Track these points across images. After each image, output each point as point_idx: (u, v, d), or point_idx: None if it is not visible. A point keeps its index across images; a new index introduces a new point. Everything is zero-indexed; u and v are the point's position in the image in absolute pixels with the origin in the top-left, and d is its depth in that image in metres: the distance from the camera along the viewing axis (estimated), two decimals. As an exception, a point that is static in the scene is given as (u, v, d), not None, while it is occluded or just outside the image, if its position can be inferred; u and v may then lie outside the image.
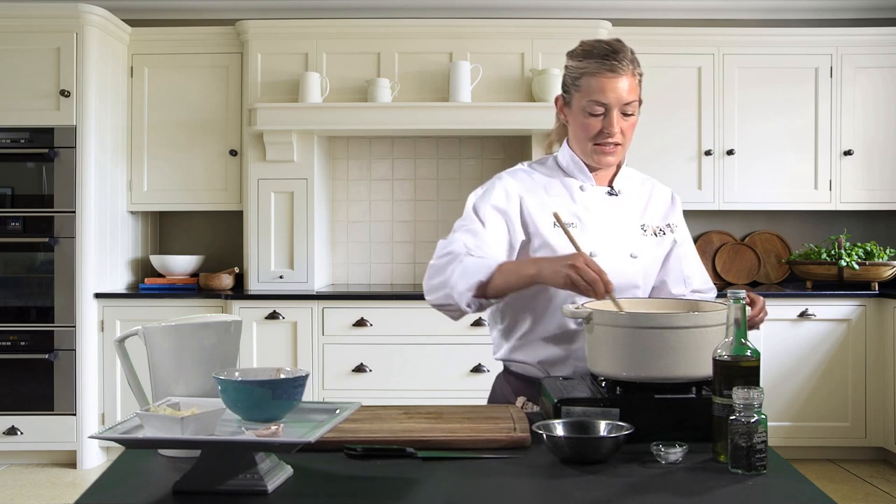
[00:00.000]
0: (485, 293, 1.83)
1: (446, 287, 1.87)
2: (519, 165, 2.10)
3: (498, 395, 2.09)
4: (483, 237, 1.94)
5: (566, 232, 1.81)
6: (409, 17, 4.83)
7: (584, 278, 1.70)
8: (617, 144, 1.95)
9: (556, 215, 1.85)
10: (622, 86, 1.91)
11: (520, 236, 1.97)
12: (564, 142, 2.07)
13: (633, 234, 2.01)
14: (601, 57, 1.91)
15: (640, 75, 1.96)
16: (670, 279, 2.06)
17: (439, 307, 1.92)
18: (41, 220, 4.41)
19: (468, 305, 1.85)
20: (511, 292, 1.86)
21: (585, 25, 4.56)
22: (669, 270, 2.06)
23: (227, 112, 4.76)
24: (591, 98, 1.92)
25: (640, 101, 2.00)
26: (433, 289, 1.91)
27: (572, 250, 1.81)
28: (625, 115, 1.93)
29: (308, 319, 4.40)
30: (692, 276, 2.08)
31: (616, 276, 1.93)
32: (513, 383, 2.05)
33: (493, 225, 1.96)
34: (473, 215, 1.98)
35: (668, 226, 2.08)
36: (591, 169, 2.02)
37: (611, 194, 2.03)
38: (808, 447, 4.51)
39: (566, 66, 1.99)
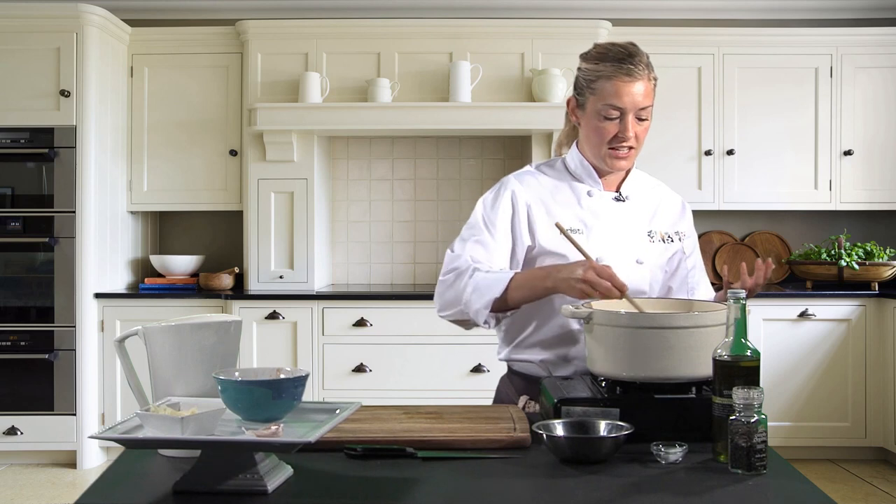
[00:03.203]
0: (500, 307, 1.87)
1: (459, 303, 1.91)
2: (527, 168, 2.10)
3: (503, 397, 2.09)
4: (492, 248, 1.95)
5: (572, 241, 1.81)
6: (409, 17, 4.83)
7: (598, 289, 1.72)
8: (630, 148, 1.95)
9: (558, 226, 1.84)
10: (638, 90, 1.90)
11: (526, 242, 1.98)
12: (574, 145, 2.07)
13: (639, 240, 2.01)
14: (617, 60, 1.90)
15: (655, 80, 1.95)
16: (675, 287, 2.06)
17: (453, 322, 1.97)
18: (41, 220, 4.41)
19: (485, 322, 1.89)
20: (529, 302, 1.89)
21: (585, 25, 4.56)
22: (675, 279, 2.06)
23: (227, 112, 4.76)
24: (606, 102, 1.91)
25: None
26: (446, 305, 1.94)
27: (580, 256, 1.82)
28: (639, 119, 1.93)
29: (308, 319, 4.40)
30: (696, 288, 2.09)
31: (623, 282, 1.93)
32: (517, 383, 2.05)
33: (501, 235, 1.97)
34: (482, 225, 1.99)
35: (677, 233, 2.07)
36: (600, 173, 2.02)
37: (618, 200, 2.02)
38: (808, 447, 4.51)
39: (580, 69, 1.98)
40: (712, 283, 2.21)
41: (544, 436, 1.47)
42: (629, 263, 1.97)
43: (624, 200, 2.03)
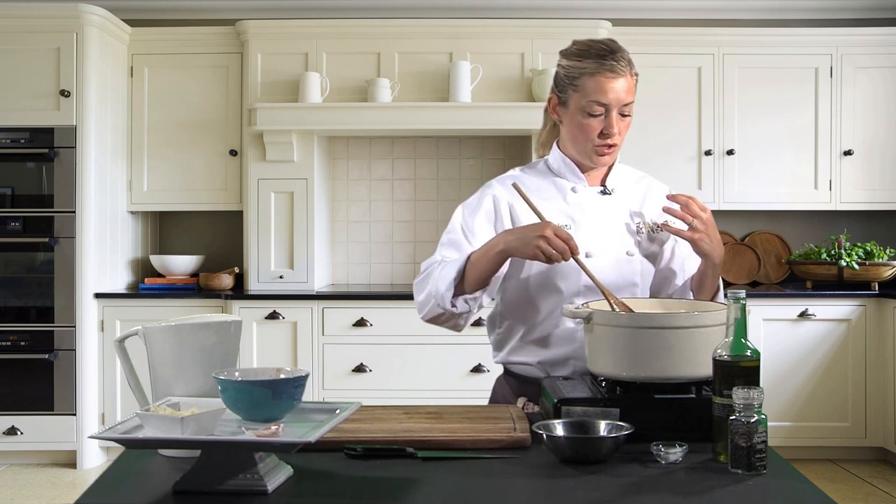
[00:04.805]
0: (463, 288, 1.86)
1: (431, 297, 1.89)
2: (510, 171, 2.10)
3: (498, 397, 2.09)
4: (465, 249, 1.95)
5: (529, 203, 1.82)
6: (409, 17, 4.83)
7: (554, 247, 1.73)
8: (614, 145, 1.95)
9: (515, 186, 1.86)
10: (621, 86, 1.90)
11: None
12: (555, 144, 2.07)
13: (629, 232, 2.01)
14: (599, 57, 1.90)
15: (636, 76, 1.95)
16: (676, 270, 2.05)
17: (433, 320, 1.95)
18: (41, 220, 4.41)
19: (453, 305, 1.87)
20: (488, 275, 1.87)
21: (585, 25, 4.56)
22: (674, 264, 2.05)
23: (227, 112, 4.76)
24: (590, 98, 1.91)
25: None
26: (422, 304, 1.94)
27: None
28: (622, 115, 1.93)
29: (308, 319, 4.40)
30: (693, 270, 2.08)
31: (614, 275, 1.93)
32: (513, 384, 2.05)
33: (479, 239, 1.96)
34: (458, 229, 2.00)
35: (666, 222, 2.07)
36: (583, 169, 2.02)
37: (604, 193, 2.02)
38: (808, 447, 4.51)
39: (560, 65, 1.98)
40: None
41: (544, 436, 1.47)
42: (619, 256, 1.97)
43: (610, 193, 2.03)
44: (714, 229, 1.89)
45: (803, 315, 4.49)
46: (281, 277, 4.62)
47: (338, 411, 1.43)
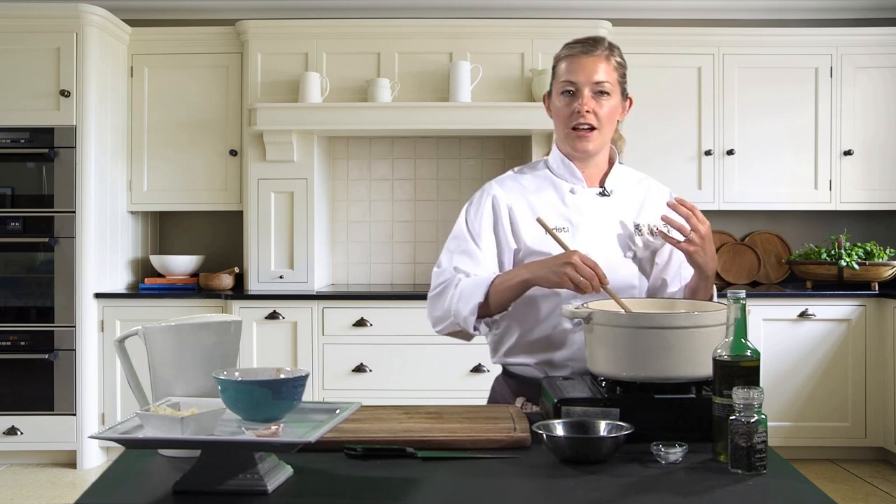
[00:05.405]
0: (487, 311, 1.89)
1: (449, 315, 1.93)
2: (508, 172, 2.11)
3: (497, 397, 2.09)
4: (478, 257, 1.97)
5: (553, 235, 1.83)
6: (409, 17, 4.83)
7: (582, 275, 1.72)
8: (593, 129, 1.95)
9: (539, 221, 1.86)
10: (592, 65, 1.93)
11: (512, 245, 1.98)
12: (554, 143, 2.07)
13: (627, 234, 2.01)
14: (576, 43, 1.97)
15: (620, 65, 1.96)
16: (669, 277, 2.05)
17: (449, 335, 1.99)
18: (41, 220, 4.41)
19: (475, 329, 1.91)
20: (509, 303, 1.90)
21: (585, 25, 4.55)
22: (668, 271, 2.05)
23: (227, 112, 4.76)
24: (562, 79, 1.96)
25: (630, 99, 2.02)
26: (438, 320, 1.97)
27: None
28: (599, 95, 1.93)
29: (308, 319, 4.39)
30: (689, 277, 2.08)
31: (612, 277, 1.92)
32: (511, 384, 2.05)
33: (486, 243, 1.98)
34: (467, 234, 2.00)
35: (665, 225, 2.06)
36: (580, 162, 2.02)
37: (602, 195, 2.02)
38: (808, 447, 4.51)
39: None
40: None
41: (544, 436, 1.47)
42: (618, 258, 1.97)
43: (608, 195, 2.02)
44: (710, 243, 1.90)
45: (803, 315, 4.49)
46: (281, 277, 4.61)
47: (338, 411, 1.43)
